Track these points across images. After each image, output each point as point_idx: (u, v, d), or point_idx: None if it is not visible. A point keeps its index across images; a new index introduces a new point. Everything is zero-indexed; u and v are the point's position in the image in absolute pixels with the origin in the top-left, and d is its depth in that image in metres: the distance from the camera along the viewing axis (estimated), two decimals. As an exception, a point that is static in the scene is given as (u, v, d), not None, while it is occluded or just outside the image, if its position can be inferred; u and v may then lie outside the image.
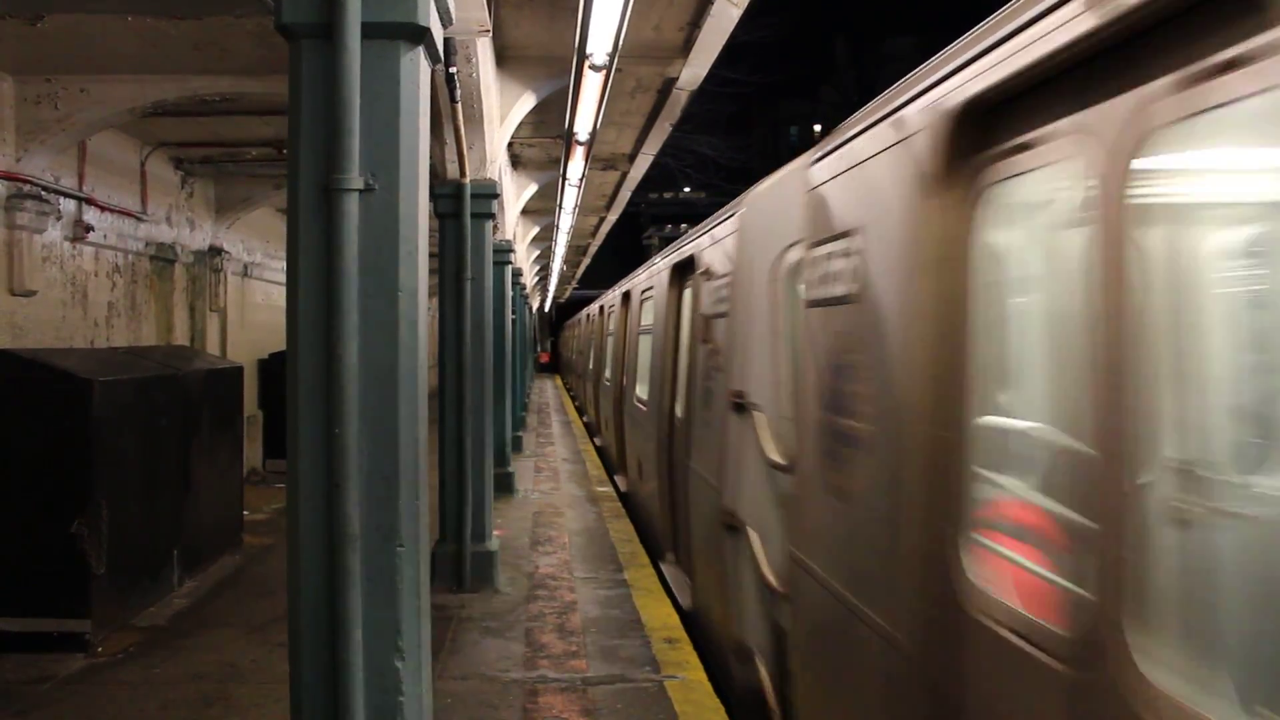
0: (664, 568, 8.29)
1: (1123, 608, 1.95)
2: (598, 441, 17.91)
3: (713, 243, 6.65)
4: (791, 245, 4.54)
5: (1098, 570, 2.05)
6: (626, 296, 13.42)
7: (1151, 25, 1.97)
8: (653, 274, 10.35)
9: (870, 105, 3.58)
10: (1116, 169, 2.04)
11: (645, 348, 10.60)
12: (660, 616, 7.14)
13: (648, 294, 10.68)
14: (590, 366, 20.67)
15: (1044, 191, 2.50)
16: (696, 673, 5.98)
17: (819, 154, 4.05)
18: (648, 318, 10.67)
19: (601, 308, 19.10)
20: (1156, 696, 1.83)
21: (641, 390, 10.56)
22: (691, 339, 7.22)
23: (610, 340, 15.87)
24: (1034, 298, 2.81)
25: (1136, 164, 2.00)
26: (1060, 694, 2.14)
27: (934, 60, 3.03)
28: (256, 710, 5.44)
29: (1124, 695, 1.89)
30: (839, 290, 3.53)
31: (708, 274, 6.69)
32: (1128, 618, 1.93)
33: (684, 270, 8.16)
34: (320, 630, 3.25)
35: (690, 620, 6.94)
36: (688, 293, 7.91)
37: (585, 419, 22.68)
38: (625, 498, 12.13)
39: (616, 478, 13.51)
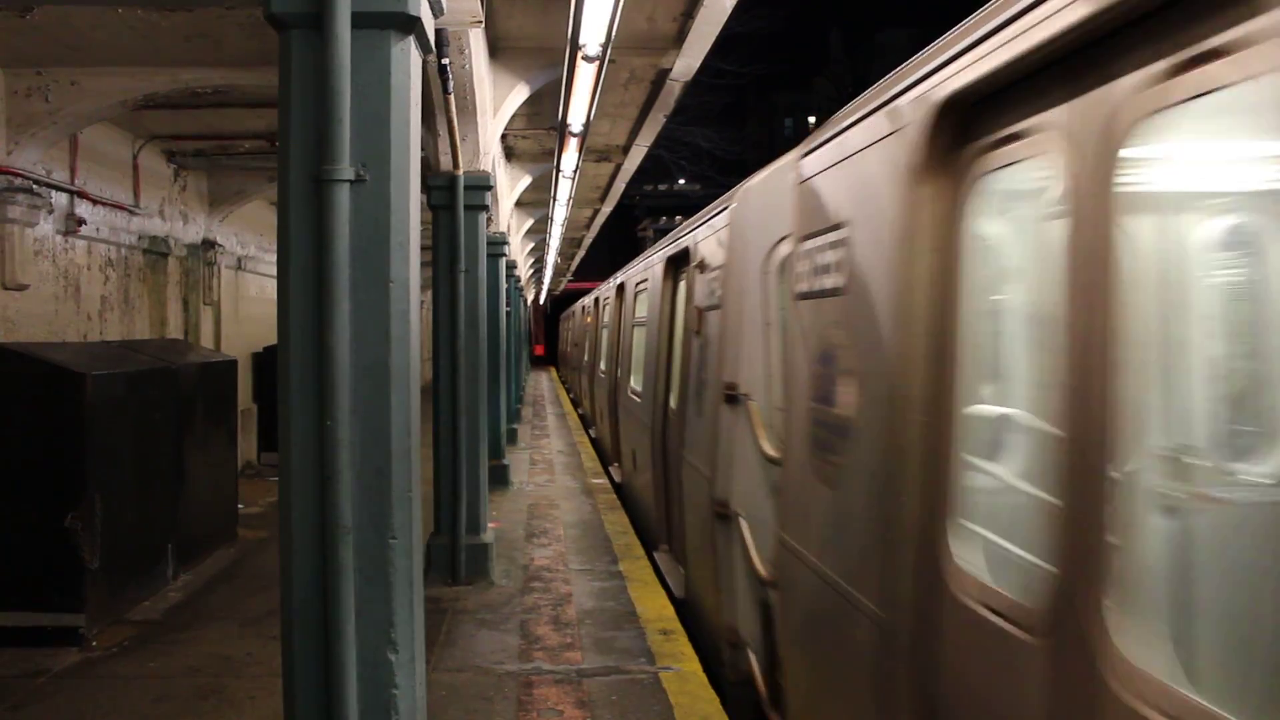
0: (658, 557, 8.44)
1: (1097, 586, 2.01)
2: (592, 433, 18.11)
3: (707, 235, 6.74)
4: (782, 239, 4.67)
5: (1074, 550, 2.11)
6: (621, 289, 13.55)
7: (1127, 20, 2.03)
8: (647, 266, 10.47)
9: (860, 98, 3.63)
10: (1101, 160, 2.09)
11: (640, 340, 10.66)
12: (655, 608, 7.15)
13: (642, 286, 10.78)
14: (585, 359, 20.77)
15: (1031, 182, 2.53)
16: (691, 664, 5.99)
17: (809, 147, 4.12)
18: (642, 310, 10.79)
19: (596, 300, 19.10)
20: (1130, 670, 1.91)
21: (636, 382, 10.62)
22: (685, 331, 7.30)
23: (605, 333, 15.91)
24: (1020, 287, 2.87)
25: (1121, 155, 2.05)
26: (1038, 669, 2.20)
27: (922, 54, 3.08)
28: (251, 703, 5.44)
29: (1099, 668, 1.98)
30: (829, 283, 3.63)
31: (701, 266, 6.80)
32: (1103, 596, 2.00)
33: (678, 263, 8.27)
34: (313, 623, 3.25)
35: (683, 608, 7.07)
36: (682, 285, 7.99)
37: (580, 411, 22.83)
38: (619, 489, 12.21)
39: (611, 469, 13.59)
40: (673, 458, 7.59)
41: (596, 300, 19.06)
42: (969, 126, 2.71)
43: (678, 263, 8.28)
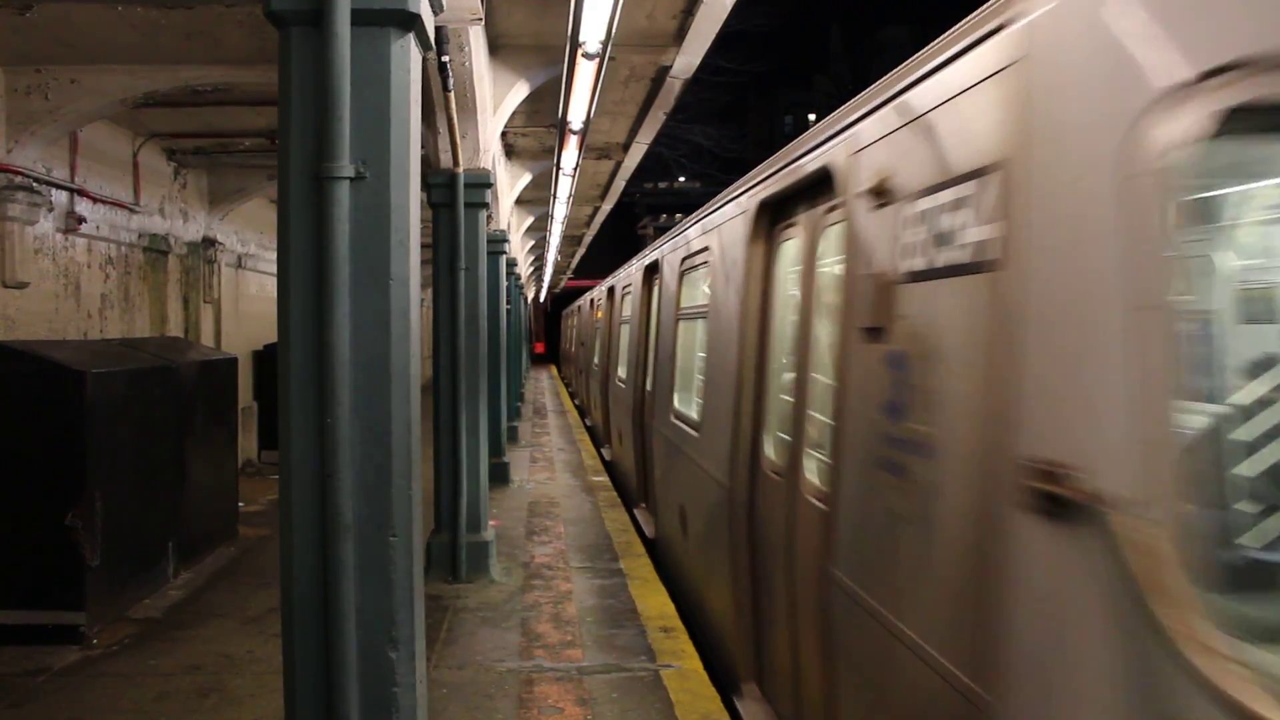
0: (636, 513, 10.01)
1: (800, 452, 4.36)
2: (588, 421, 19.12)
3: (665, 253, 8.80)
4: (683, 271, 7.78)
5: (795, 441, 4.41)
6: (611, 292, 14.84)
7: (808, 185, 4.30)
8: (629, 274, 12.09)
9: (726, 191, 6.26)
10: (812, 243, 4.35)
11: (625, 336, 12.39)
12: (656, 606, 7.15)
13: (627, 290, 12.28)
14: (581, 355, 21.70)
15: (795, 249, 4.73)
16: (692, 661, 6.00)
17: (698, 218, 7.21)
18: (627, 311, 12.39)
19: (591, 300, 19.74)
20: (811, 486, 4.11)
21: (622, 371, 12.25)
22: (658, 327, 8.93)
23: (598, 330, 17.10)
24: (790, 311, 4.84)
25: (820, 241, 4.25)
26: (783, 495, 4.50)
27: (755, 170, 5.48)
28: (252, 701, 5.44)
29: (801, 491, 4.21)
30: (701, 303, 6.90)
31: (659, 277, 8.93)
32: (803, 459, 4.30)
33: (651, 271, 9.91)
34: (314, 621, 3.25)
35: (652, 546, 8.73)
36: (655, 290, 9.58)
37: (577, 402, 23.64)
38: (610, 465, 13.89)
39: (602, 449, 15.19)
40: (645, 427, 9.59)
41: (591, 300, 19.98)
42: (650, 272, 7.27)
43: (651, 271, 10.00)
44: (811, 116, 61.54)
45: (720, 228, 6.19)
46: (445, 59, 6.18)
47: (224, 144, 10.41)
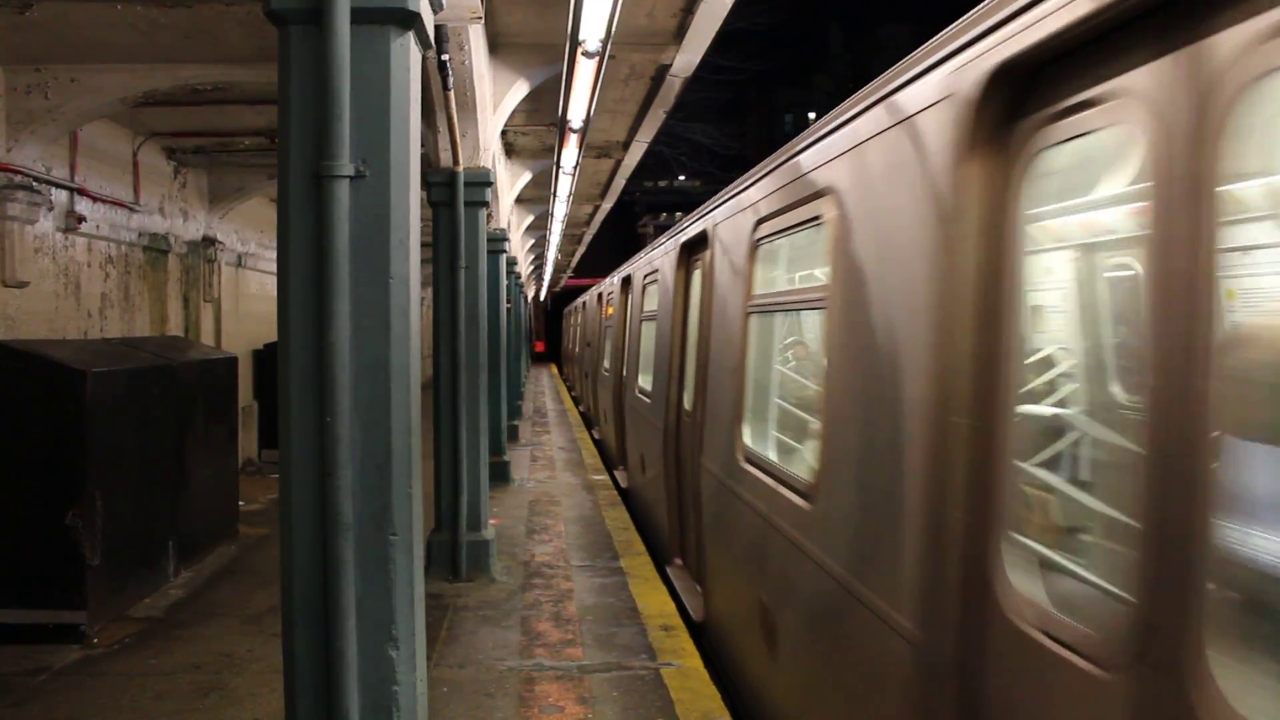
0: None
1: (680, 388, 7.44)
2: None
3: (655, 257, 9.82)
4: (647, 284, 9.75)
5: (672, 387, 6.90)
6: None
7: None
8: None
9: (665, 234, 8.44)
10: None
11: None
12: (657, 604, 7.15)
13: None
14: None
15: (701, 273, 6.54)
16: (693, 660, 5.99)
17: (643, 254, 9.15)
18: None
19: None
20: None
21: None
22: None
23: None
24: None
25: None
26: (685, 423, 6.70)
27: (688, 217, 7.20)
28: (252, 700, 5.44)
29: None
30: (651, 307, 9.13)
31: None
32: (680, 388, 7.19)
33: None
34: (314, 619, 3.25)
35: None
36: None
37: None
38: (598, 444, 14.50)
39: (595, 434, 16.14)
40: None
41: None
42: (691, 250, 7.61)
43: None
44: (811, 115, 61.51)
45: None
46: (445, 57, 6.17)
47: (224, 143, 10.40)
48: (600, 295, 18.11)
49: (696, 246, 7.43)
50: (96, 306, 9.21)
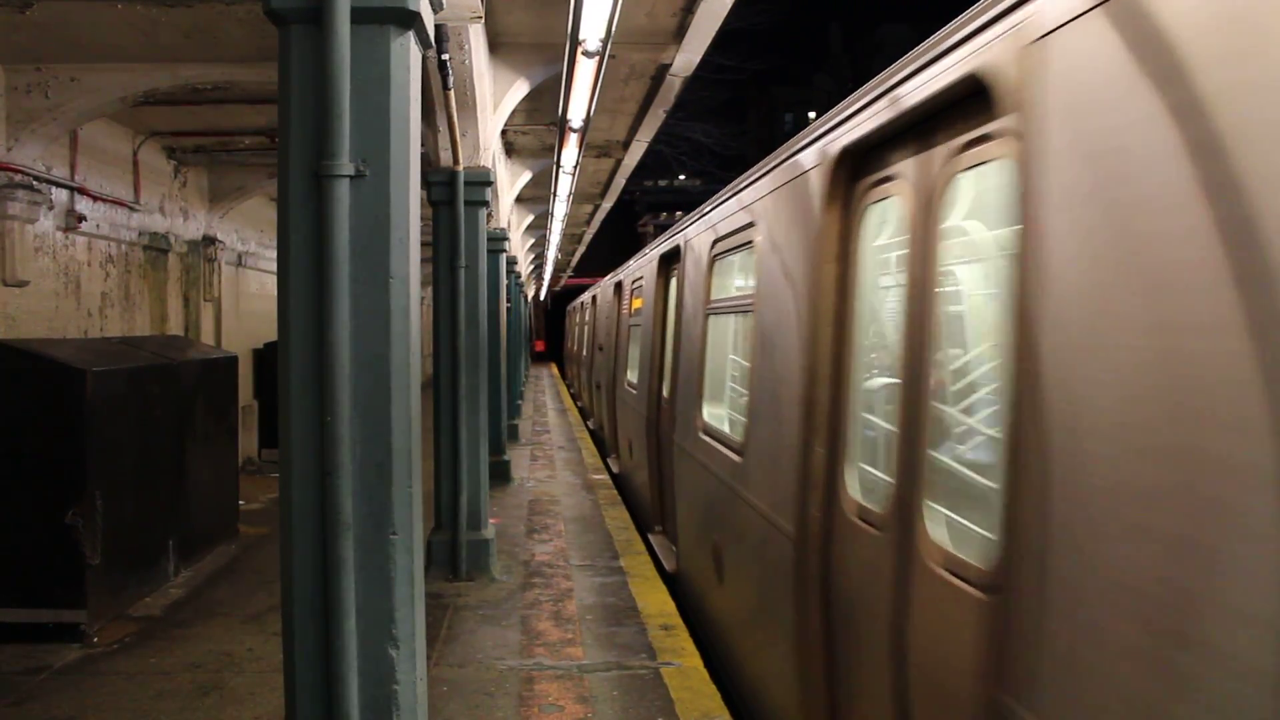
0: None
1: (657, 377, 9.05)
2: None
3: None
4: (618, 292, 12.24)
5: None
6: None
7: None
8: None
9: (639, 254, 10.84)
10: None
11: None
12: (657, 604, 7.15)
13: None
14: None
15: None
16: (693, 659, 6.00)
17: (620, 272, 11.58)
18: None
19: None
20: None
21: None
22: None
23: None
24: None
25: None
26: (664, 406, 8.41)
27: (658, 239, 9.09)
28: (252, 699, 5.44)
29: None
30: (639, 311, 10.75)
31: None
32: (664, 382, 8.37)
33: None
34: (314, 619, 3.25)
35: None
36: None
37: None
38: (595, 436, 15.48)
39: (590, 424, 17.20)
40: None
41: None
42: (668, 261, 8.99)
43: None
44: (812, 114, 61.53)
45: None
46: (445, 57, 6.18)
47: (224, 142, 10.41)
48: (582, 304, 20.79)
49: (672, 258, 8.89)
50: (96, 306, 9.21)
